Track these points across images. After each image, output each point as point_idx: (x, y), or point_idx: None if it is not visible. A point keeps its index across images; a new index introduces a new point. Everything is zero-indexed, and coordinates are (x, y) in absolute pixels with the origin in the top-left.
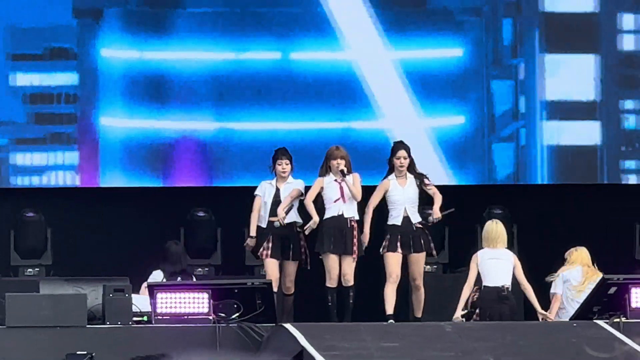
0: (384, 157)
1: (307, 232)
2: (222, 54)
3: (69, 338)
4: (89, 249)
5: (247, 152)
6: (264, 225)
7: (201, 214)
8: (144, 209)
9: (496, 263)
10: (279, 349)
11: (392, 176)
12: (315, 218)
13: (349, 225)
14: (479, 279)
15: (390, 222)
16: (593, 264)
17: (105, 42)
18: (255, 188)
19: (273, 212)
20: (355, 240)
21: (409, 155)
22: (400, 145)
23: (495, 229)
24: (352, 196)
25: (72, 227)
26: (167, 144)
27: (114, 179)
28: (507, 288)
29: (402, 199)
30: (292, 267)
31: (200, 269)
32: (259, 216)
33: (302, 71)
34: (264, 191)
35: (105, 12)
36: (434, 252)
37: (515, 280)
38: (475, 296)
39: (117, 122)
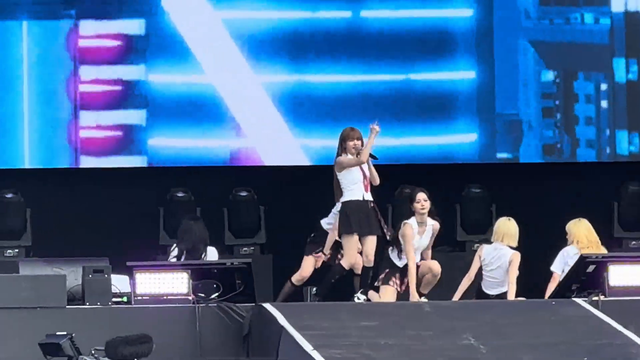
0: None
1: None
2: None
3: (49, 319)
4: (68, 230)
5: (320, 104)
6: None
7: (180, 194)
8: (123, 189)
9: (495, 267)
10: (260, 329)
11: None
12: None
13: (370, 206)
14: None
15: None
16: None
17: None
18: None
19: None
20: (379, 220)
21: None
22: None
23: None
24: (372, 179)
25: (52, 207)
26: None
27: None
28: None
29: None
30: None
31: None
32: None
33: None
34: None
35: None
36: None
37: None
38: None
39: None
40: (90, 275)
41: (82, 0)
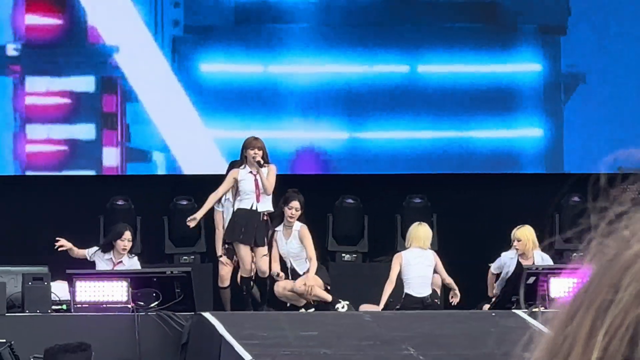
0: None
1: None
2: (351, 67)
3: None
4: (8, 237)
5: (374, 160)
6: None
7: (121, 202)
8: (63, 197)
9: (419, 268)
10: (199, 338)
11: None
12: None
13: (260, 219)
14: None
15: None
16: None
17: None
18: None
19: None
20: (266, 232)
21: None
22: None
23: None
24: (264, 189)
25: None
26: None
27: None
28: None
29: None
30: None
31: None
32: None
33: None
34: None
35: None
36: None
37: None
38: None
39: (227, 135)
40: (30, 283)
41: (28, 55)
